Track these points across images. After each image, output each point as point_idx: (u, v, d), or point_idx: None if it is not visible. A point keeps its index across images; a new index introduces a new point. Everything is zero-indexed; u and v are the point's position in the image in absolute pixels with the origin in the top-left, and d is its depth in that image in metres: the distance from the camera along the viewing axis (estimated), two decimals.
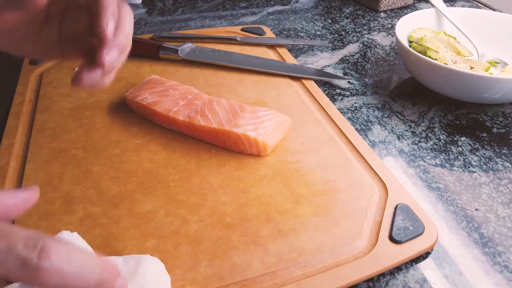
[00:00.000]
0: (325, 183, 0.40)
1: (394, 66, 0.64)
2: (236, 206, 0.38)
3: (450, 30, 0.65)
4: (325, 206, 0.38)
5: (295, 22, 0.78)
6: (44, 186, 0.39)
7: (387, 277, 0.34)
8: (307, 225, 0.36)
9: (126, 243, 0.34)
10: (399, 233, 0.35)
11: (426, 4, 0.87)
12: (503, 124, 0.52)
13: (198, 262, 0.33)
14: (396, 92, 0.58)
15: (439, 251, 0.36)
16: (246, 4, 0.86)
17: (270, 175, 0.41)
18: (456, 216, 0.39)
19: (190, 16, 0.80)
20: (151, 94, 0.48)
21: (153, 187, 0.39)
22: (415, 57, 0.52)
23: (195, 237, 0.35)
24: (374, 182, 0.40)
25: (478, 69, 0.56)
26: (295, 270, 0.32)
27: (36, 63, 0.58)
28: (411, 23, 0.62)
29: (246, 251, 0.34)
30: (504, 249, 0.36)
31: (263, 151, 0.42)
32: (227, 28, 0.71)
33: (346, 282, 0.32)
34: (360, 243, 0.35)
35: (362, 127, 0.50)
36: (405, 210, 0.37)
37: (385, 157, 0.46)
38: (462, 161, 0.46)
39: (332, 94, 0.56)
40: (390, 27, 0.77)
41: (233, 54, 0.61)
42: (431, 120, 0.52)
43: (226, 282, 0.31)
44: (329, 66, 0.63)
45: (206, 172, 0.41)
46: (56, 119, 0.48)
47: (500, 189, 0.42)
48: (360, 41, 0.71)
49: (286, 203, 0.38)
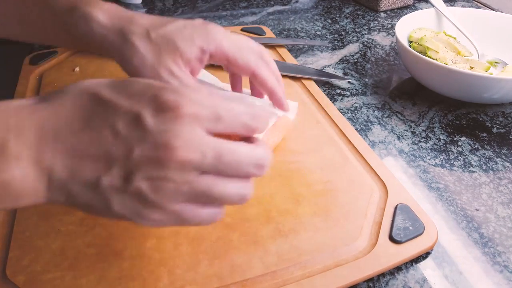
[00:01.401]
0: (325, 183, 0.40)
1: (394, 66, 0.64)
2: (236, 206, 0.37)
3: (450, 30, 0.65)
4: (325, 206, 0.38)
5: (295, 22, 0.78)
6: None
7: (387, 277, 0.34)
8: (307, 225, 0.36)
9: (126, 243, 0.34)
10: (399, 233, 0.35)
11: (426, 4, 0.87)
12: (503, 124, 0.52)
13: (198, 262, 0.33)
14: (396, 92, 0.58)
15: (439, 251, 0.36)
16: (246, 4, 0.86)
17: (270, 175, 0.41)
18: (456, 216, 0.39)
19: (190, 16, 0.80)
20: None
21: None
22: (415, 57, 0.52)
23: (195, 237, 0.35)
24: (374, 182, 0.40)
25: (478, 69, 0.56)
26: (295, 270, 0.32)
27: (36, 63, 0.58)
28: (411, 23, 0.62)
29: (246, 251, 0.34)
30: (504, 249, 0.36)
31: None
32: (227, 28, 0.71)
33: (346, 282, 0.32)
34: (360, 243, 0.35)
35: (362, 127, 0.50)
36: (405, 210, 0.37)
37: (385, 157, 0.46)
38: (462, 161, 0.46)
39: (332, 94, 0.56)
40: (390, 27, 0.77)
41: None
42: (431, 120, 0.52)
43: (226, 282, 0.31)
44: (329, 66, 0.63)
45: None
46: None
47: (500, 189, 0.42)
48: (360, 41, 0.71)
49: (286, 203, 0.38)
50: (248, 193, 0.26)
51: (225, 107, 0.25)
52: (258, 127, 0.26)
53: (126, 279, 0.31)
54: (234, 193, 0.25)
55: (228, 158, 0.24)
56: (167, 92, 0.24)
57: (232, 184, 0.25)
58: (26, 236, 0.34)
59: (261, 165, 0.26)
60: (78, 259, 0.33)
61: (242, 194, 0.26)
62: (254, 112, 0.26)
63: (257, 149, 0.26)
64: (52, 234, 0.35)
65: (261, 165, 0.26)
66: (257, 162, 0.25)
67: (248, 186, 0.26)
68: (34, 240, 0.34)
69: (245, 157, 0.25)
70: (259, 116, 0.26)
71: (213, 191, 0.24)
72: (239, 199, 0.26)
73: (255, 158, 0.25)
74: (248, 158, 0.25)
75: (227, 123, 0.25)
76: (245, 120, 0.26)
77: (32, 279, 0.31)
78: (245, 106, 0.26)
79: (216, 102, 0.25)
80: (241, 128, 0.26)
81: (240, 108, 0.25)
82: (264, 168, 0.26)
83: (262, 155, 0.26)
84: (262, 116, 0.27)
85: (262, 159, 0.26)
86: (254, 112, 0.26)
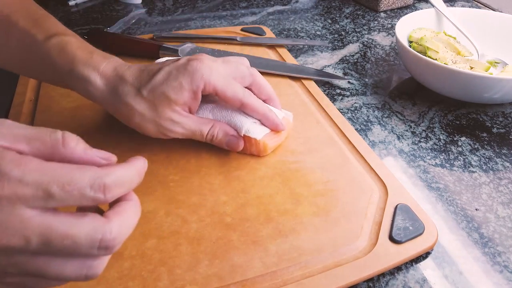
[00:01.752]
0: (325, 183, 0.40)
1: (394, 66, 0.64)
2: (236, 206, 0.38)
3: (450, 30, 0.65)
4: (325, 206, 0.38)
5: (295, 22, 0.78)
6: None
7: (387, 277, 0.34)
8: (307, 225, 0.36)
9: (126, 243, 0.34)
10: (399, 233, 0.35)
11: (426, 4, 0.87)
12: (503, 124, 0.52)
13: (198, 262, 0.33)
14: (396, 92, 0.58)
15: (439, 251, 0.36)
16: (246, 4, 0.86)
17: (270, 175, 0.41)
18: (456, 216, 0.39)
19: (190, 16, 0.80)
20: None
21: (153, 187, 0.39)
22: (415, 57, 0.52)
23: (195, 237, 0.35)
24: (374, 182, 0.40)
25: (478, 69, 0.56)
26: (295, 270, 0.32)
27: None
28: (411, 23, 0.62)
29: (246, 251, 0.34)
30: (504, 249, 0.36)
31: (263, 151, 0.42)
32: (227, 28, 0.71)
33: (346, 282, 0.32)
34: (360, 243, 0.35)
35: (362, 127, 0.50)
36: (405, 210, 0.37)
37: (385, 157, 0.46)
38: (462, 161, 0.46)
39: (332, 94, 0.56)
40: (390, 27, 0.77)
41: (233, 54, 0.61)
42: (431, 120, 0.52)
43: (226, 282, 0.31)
44: (329, 66, 0.63)
45: (206, 172, 0.41)
46: (56, 119, 0.48)
47: (500, 189, 0.42)
48: (360, 41, 0.71)
49: (286, 203, 0.38)
50: (94, 272, 0.22)
51: (61, 180, 0.20)
52: (108, 197, 0.22)
53: (126, 279, 0.31)
54: (75, 274, 0.22)
55: (59, 243, 0.20)
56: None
57: (72, 265, 0.22)
58: None
59: (106, 246, 0.21)
60: None
61: (86, 275, 0.22)
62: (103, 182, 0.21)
63: (105, 226, 0.21)
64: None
65: (107, 246, 0.21)
66: (102, 244, 0.21)
67: (96, 264, 0.22)
68: None
69: (85, 239, 0.21)
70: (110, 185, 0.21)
71: (48, 272, 0.21)
72: (83, 278, 0.22)
73: (99, 239, 0.21)
74: (89, 240, 0.21)
75: (63, 199, 0.20)
76: (88, 193, 0.21)
77: None
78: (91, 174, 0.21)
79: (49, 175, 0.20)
80: (86, 201, 0.21)
81: (83, 179, 0.21)
82: (110, 249, 0.22)
83: (110, 235, 0.21)
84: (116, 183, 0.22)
85: (109, 240, 0.21)
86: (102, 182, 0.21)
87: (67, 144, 0.22)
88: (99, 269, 0.23)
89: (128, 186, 0.23)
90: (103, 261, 0.23)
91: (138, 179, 0.24)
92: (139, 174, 0.24)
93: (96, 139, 0.45)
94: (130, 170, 0.23)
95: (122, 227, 0.22)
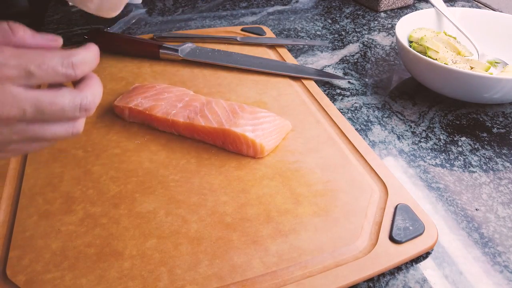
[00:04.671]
0: (325, 183, 0.40)
1: (394, 66, 0.64)
2: (236, 206, 0.38)
3: (450, 30, 0.65)
4: (325, 206, 0.38)
5: (295, 22, 0.78)
6: (44, 186, 0.39)
7: (387, 277, 0.34)
8: (307, 225, 0.36)
9: (126, 243, 0.34)
10: (399, 233, 0.35)
11: (426, 4, 0.87)
12: (503, 124, 0.52)
13: (198, 262, 0.33)
14: (396, 92, 0.58)
15: (439, 251, 0.36)
16: (246, 4, 0.86)
17: (270, 175, 0.41)
18: (456, 216, 0.39)
19: (190, 16, 0.80)
20: (144, 99, 0.47)
21: (153, 187, 0.39)
22: (415, 57, 0.52)
23: (195, 237, 0.35)
24: (374, 182, 0.40)
25: (478, 69, 0.56)
26: (295, 270, 0.32)
27: None
28: (411, 23, 0.62)
29: (246, 251, 0.34)
30: (504, 249, 0.36)
31: (260, 153, 0.42)
32: (227, 28, 0.71)
33: (346, 282, 0.32)
34: (360, 243, 0.35)
35: (362, 127, 0.50)
36: (405, 210, 0.37)
37: (385, 157, 0.46)
38: (462, 161, 0.46)
39: (332, 94, 0.56)
40: (390, 27, 0.77)
41: (233, 54, 0.61)
42: (431, 120, 0.52)
43: (226, 282, 0.31)
44: (329, 66, 0.63)
45: (206, 172, 0.41)
46: None
47: (500, 189, 0.42)
48: (360, 41, 0.71)
49: (286, 203, 0.38)
50: (78, 130, 0.29)
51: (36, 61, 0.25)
52: (78, 73, 0.27)
53: (126, 279, 0.31)
54: (66, 133, 0.28)
55: (50, 109, 0.26)
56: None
57: (62, 127, 0.28)
58: (26, 236, 0.34)
59: (86, 108, 0.28)
60: (78, 259, 0.33)
61: (74, 132, 0.29)
62: (70, 61, 0.26)
63: (81, 94, 0.27)
64: (52, 234, 0.35)
65: (87, 108, 0.28)
66: (82, 107, 0.27)
67: (78, 123, 0.29)
68: (34, 240, 0.34)
69: (69, 104, 0.27)
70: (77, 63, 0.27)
71: (45, 134, 0.27)
72: (70, 136, 0.29)
73: (79, 103, 0.27)
74: (72, 104, 0.27)
75: (41, 77, 0.26)
76: (61, 70, 0.26)
77: (32, 279, 0.31)
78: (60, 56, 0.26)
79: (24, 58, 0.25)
80: (60, 77, 0.26)
81: (54, 59, 0.26)
82: (90, 110, 0.28)
83: (87, 100, 0.28)
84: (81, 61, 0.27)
85: (87, 103, 0.28)
86: (70, 60, 0.26)
87: (16, 32, 0.26)
88: (81, 127, 0.29)
89: (90, 65, 0.28)
90: (82, 121, 0.29)
91: (96, 60, 0.29)
92: (96, 57, 0.29)
93: (96, 140, 0.45)
94: (90, 52, 0.28)
95: (94, 94, 0.28)
